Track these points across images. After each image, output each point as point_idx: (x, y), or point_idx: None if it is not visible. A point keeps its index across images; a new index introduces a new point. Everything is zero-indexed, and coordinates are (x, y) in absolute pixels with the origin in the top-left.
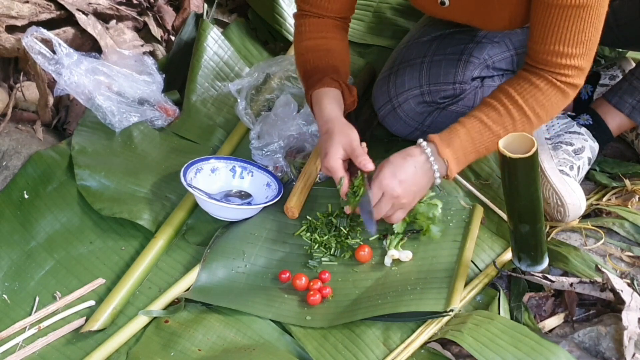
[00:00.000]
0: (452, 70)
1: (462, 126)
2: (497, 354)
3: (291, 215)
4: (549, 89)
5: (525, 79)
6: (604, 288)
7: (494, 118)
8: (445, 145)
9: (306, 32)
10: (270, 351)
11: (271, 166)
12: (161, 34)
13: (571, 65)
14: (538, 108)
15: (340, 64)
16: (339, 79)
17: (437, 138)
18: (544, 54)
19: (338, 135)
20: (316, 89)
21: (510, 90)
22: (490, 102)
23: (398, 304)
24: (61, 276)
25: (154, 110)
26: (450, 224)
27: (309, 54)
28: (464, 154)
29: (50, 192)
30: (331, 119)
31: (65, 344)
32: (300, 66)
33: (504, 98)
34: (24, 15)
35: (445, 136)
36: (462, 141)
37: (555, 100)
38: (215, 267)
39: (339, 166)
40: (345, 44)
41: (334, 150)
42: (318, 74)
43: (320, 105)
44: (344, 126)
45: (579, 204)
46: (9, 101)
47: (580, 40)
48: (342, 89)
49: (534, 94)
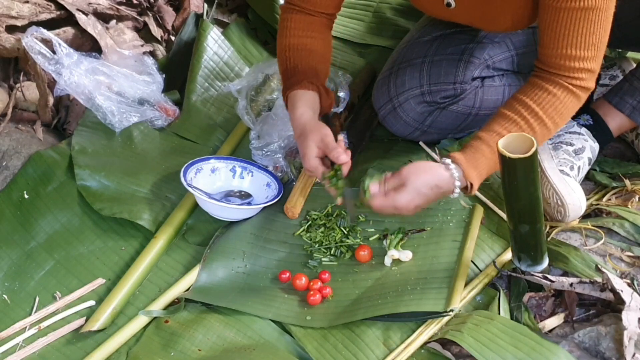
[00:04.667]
0: (452, 70)
1: (486, 145)
2: (497, 354)
3: (291, 215)
4: (565, 95)
5: (540, 87)
6: (604, 288)
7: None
8: (472, 167)
9: (291, 28)
10: (270, 351)
11: (271, 166)
12: (161, 34)
13: (584, 69)
14: (557, 117)
15: (320, 66)
16: (317, 82)
17: (463, 159)
18: (557, 58)
19: (310, 134)
20: (293, 90)
21: (527, 101)
22: (508, 114)
23: (398, 304)
24: (61, 276)
25: (154, 110)
26: (450, 224)
27: (291, 52)
28: (487, 172)
29: (50, 192)
30: (304, 122)
31: (65, 344)
32: (282, 63)
33: (523, 111)
34: (24, 15)
35: (471, 157)
36: (487, 161)
37: (571, 106)
38: (215, 267)
39: (317, 164)
40: (328, 43)
41: (309, 151)
42: (297, 75)
43: (295, 108)
44: (316, 125)
45: (579, 204)
46: (9, 101)
47: (591, 42)
48: (319, 92)
49: (553, 103)
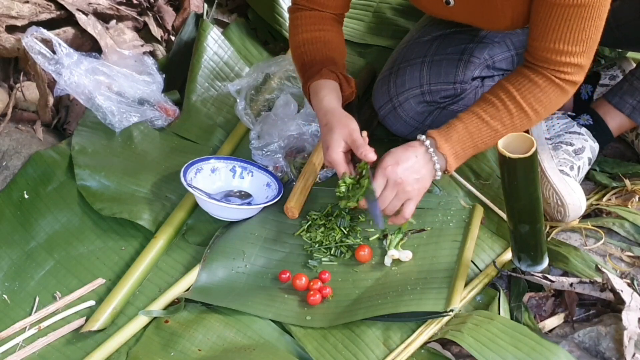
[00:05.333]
0: (452, 70)
1: (460, 121)
2: (497, 354)
3: (291, 215)
4: (547, 85)
5: (523, 75)
6: (604, 288)
7: (491, 113)
8: (443, 140)
9: (302, 25)
10: (270, 351)
11: (271, 166)
12: (161, 34)
13: (571, 63)
14: (536, 104)
15: (337, 56)
16: (336, 70)
17: (436, 133)
18: (544, 51)
19: (338, 127)
20: (314, 80)
21: (508, 86)
22: (488, 97)
23: (398, 304)
24: (61, 276)
25: (154, 110)
26: (450, 224)
27: (306, 47)
28: (463, 148)
29: (50, 192)
30: (330, 111)
31: (65, 344)
32: (297, 59)
33: (501, 94)
34: (24, 15)
35: (444, 131)
36: (460, 136)
37: (554, 97)
38: (215, 267)
39: (341, 159)
40: (341, 37)
41: (335, 144)
42: (316, 66)
43: (318, 97)
44: (343, 117)
45: (579, 204)
46: (9, 101)
47: (581, 38)
48: (340, 81)
49: (532, 90)
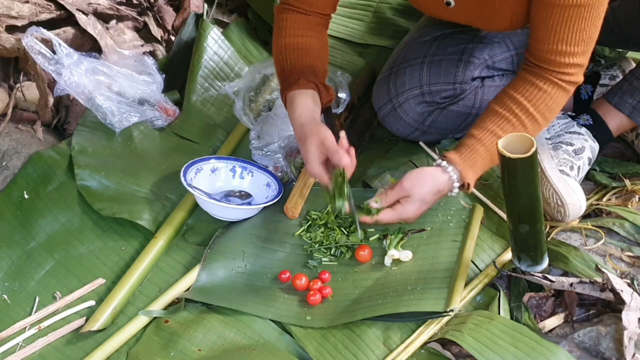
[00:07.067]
0: (452, 71)
1: (481, 144)
2: (497, 354)
3: (291, 215)
4: (554, 91)
5: (531, 83)
6: (604, 288)
7: (507, 129)
8: (469, 167)
9: (286, 28)
10: (270, 351)
11: (271, 166)
12: (161, 34)
13: (573, 64)
14: (547, 112)
15: (318, 64)
16: (315, 79)
17: (460, 161)
18: (547, 53)
19: (310, 138)
20: (292, 90)
21: (520, 98)
22: (501, 112)
23: (398, 304)
24: (61, 276)
25: (154, 110)
26: (450, 224)
27: (287, 53)
28: (483, 170)
29: (50, 192)
30: (303, 124)
31: (65, 344)
32: (278, 64)
33: (515, 108)
34: (24, 15)
35: (467, 157)
36: (483, 160)
37: (561, 101)
38: (215, 267)
39: (321, 171)
40: (324, 42)
41: (311, 156)
42: (295, 74)
43: (293, 108)
44: (315, 127)
45: (579, 204)
46: (9, 101)
47: (581, 38)
48: (318, 89)
49: (543, 99)
